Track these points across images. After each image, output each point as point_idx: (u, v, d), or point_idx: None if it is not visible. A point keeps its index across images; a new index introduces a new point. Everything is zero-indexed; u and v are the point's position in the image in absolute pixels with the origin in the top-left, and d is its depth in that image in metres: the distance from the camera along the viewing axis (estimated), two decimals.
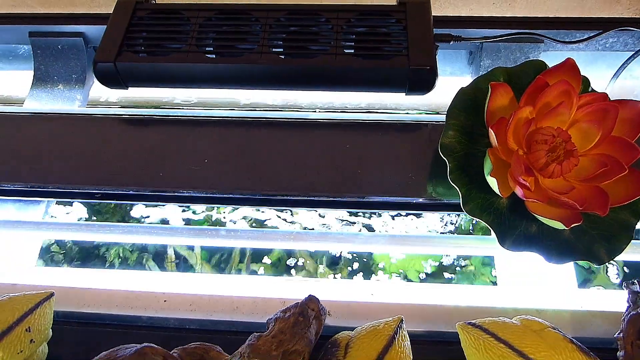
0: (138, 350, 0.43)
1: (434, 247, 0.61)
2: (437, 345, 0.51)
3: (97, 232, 0.64)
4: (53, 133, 0.65)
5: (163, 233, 0.62)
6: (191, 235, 0.62)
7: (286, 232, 0.61)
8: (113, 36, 0.63)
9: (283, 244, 0.60)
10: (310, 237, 0.62)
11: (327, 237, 0.62)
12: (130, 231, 0.63)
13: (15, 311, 0.48)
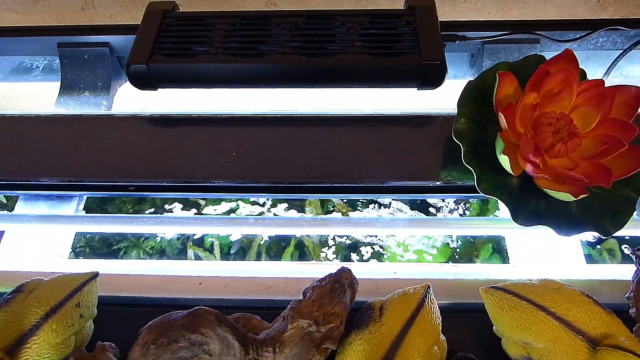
0: (192, 312, 0.46)
1: (449, 228, 0.65)
2: (461, 314, 0.55)
3: (126, 224, 0.67)
4: (86, 132, 0.68)
5: (197, 223, 0.65)
6: (223, 224, 0.65)
7: (311, 219, 0.64)
8: (144, 42, 0.68)
9: (309, 229, 0.64)
10: (334, 222, 0.65)
11: (350, 222, 0.65)
12: (162, 222, 0.66)
13: (65, 288, 0.51)
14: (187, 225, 0.66)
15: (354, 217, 0.73)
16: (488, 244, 0.86)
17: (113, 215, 0.71)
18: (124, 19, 0.96)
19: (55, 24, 0.89)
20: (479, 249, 0.86)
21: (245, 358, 0.45)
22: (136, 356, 0.45)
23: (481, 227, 0.65)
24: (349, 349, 0.47)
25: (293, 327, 0.47)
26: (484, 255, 0.86)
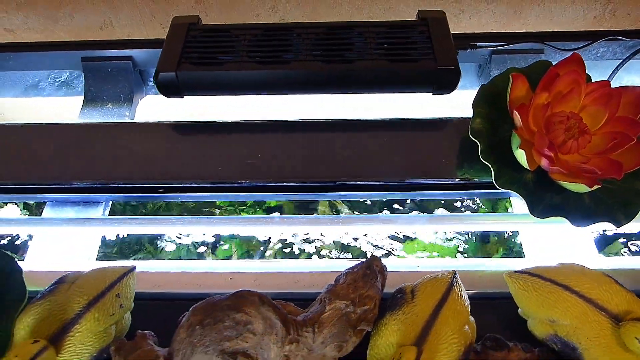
0: (235, 293, 0.48)
1: (467, 224, 0.67)
2: (484, 301, 0.57)
3: (152, 225, 0.69)
4: (116, 138, 0.71)
5: (224, 223, 0.67)
6: (250, 224, 0.67)
7: (334, 217, 0.67)
8: (171, 52, 0.71)
9: (332, 227, 0.66)
10: (357, 220, 0.68)
11: (373, 220, 0.68)
12: (188, 222, 0.68)
13: (105, 279, 0.53)
14: (214, 226, 0.68)
15: (377, 215, 0.75)
16: (500, 246, 0.89)
17: (139, 217, 0.73)
18: (142, 37, 1.00)
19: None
20: (491, 251, 0.88)
21: (286, 338, 0.47)
22: (181, 338, 0.46)
23: (497, 223, 0.68)
24: (384, 330, 0.49)
25: (331, 308, 0.49)
26: (498, 254, 0.89)
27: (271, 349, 0.47)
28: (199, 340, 0.45)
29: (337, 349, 0.48)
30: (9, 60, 0.85)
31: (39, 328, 0.49)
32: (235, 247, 0.88)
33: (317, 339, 0.48)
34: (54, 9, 0.99)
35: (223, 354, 0.45)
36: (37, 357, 0.46)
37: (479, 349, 0.51)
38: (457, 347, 0.47)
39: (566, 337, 0.48)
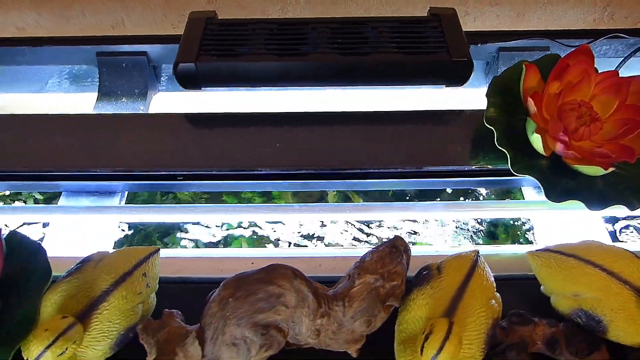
0: (268, 267, 0.48)
1: (480, 211, 0.69)
2: (505, 282, 0.57)
3: (170, 214, 0.70)
4: (134, 128, 0.72)
5: (243, 210, 0.68)
6: (269, 212, 0.68)
7: (353, 205, 0.68)
8: (190, 44, 0.73)
9: (351, 215, 0.67)
10: (374, 207, 0.69)
11: (391, 207, 0.69)
12: (206, 210, 0.69)
13: (132, 258, 0.53)
14: (232, 213, 0.68)
15: (394, 203, 0.76)
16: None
17: (156, 205, 0.73)
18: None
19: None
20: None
21: (317, 311, 0.48)
22: (213, 312, 0.47)
23: (509, 210, 0.69)
24: (412, 305, 0.50)
25: (360, 282, 0.49)
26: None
27: (303, 323, 0.47)
28: (231, 313, 0.46)
29: (366, 324, 0.49)
30: (25, 55, 0.86)
31: (66, 305, 0.49)
32: (254, 235, 0.88)
33: (347, 313, 0.48)
34: (66, 7, 1.00)
35: (256, 326, 0.45)
36: (66, 332, 0.46)
37: (504, 325, 0.51)
38: (485, 320, 0.48)
39: (591, 310, 0.49)
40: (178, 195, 0.93)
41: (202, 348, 0.46)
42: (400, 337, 0.50)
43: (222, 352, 0.45)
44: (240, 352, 0.45)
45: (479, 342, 0.47)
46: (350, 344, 0.50)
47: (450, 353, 0.43)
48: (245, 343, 0.45)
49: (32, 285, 0.52)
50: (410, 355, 0.48)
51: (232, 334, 0.45)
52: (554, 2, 0.98)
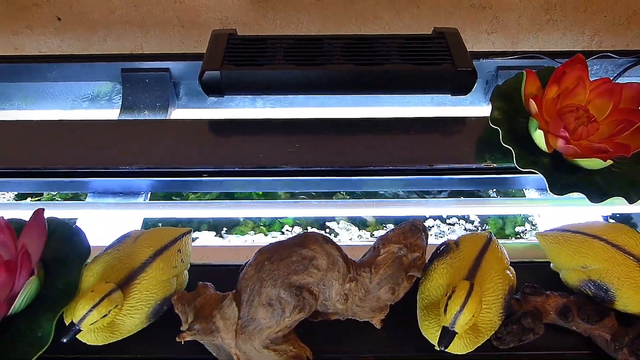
0: (300, 234, 0.51)
1: (486, 207, 0.73)
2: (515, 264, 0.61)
3: (194, 209, 0.73)
4: (157, 133, 0.76)
5: (265, 206, 0.72)
6: (291, 207, 0.72)
7: (370, 201, 0.72)
8: (214, 56, 0.78)
9: (367, 210, 0.71)
10: (390, 203, 0.73)
11: (407, 203, 0.73)
12: (227, 206, 0.72)
13: (168, 235, 0.56)
14: (253, 209, 0.72)
15: (404, 199, 0.80)
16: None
17: (181, 201, 0.77)
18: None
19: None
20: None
21: (346, 276, 0.51)
22: (249, 275, 0.50)
23: (513, 206, 0.74)
24: (433, 274, 0.53)
25: (385, 251, 0.53)
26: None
27: (333, 286, 0.50)
28: (267, 275, 0.49)
29: (390, 291, 0.52)
30: (52, 71, 0.91)
31: (107, 275, 0.52)
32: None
33: (373, 280, 0.52)
34: (89, 34, 1.07)
35: (290, 287, 0.48)
36: (110, 294, 0.49)
37: (519, 297, 0.55)
38: (502, 286, 0.51)
39: (599, 279, 0.53)
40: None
41: (239, 310, 0.48)
42: (423, 304, 0.53)
43: (258, 313, 0.48)
44: (275, 313, 0.48)
45: (497, 306, 0.51)
46: (375, 313, 0.53)
47: (472, 310, 0.47)
48: (280, 304, 0.48)
49: (72, 259, 0.55)
50: (433, 318, 0.51)
51: (268, 295, 0.48)
52: (546, 31, 1.07)
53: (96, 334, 0.50)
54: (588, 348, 0.54)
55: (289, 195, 0.87)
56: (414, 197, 0.89)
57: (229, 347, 0.49)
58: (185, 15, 1.04)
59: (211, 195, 0.94)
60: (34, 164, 0.71)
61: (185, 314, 0.51)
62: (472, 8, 1.03)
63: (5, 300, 0.50)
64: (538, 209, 0.74)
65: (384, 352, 0.54)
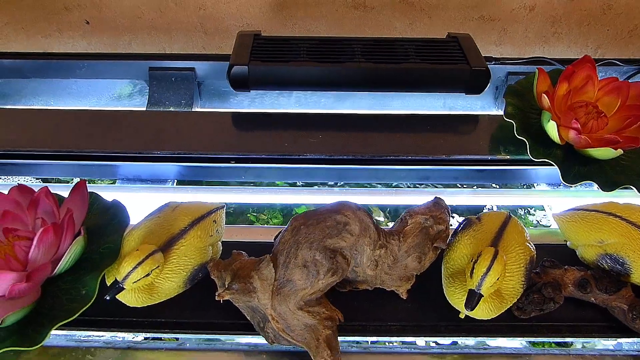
0: (334, 203, 0.54)
1: (500, 197, 0.76)
2: None
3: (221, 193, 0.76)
4: (186, 123, 0.80)
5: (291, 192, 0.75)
6: (315, 193, 0.75)
7: (388, 190, 0.75)
8: (241, 52, 0.83)
9: (385, 198, 0.74)
10: (405, 192, 0.76)
11: (422, 191, 0.76)
12: (253, 192, 0.75)
13: (204, 207, 0.59)
14: (279, 194, 0.75)
15: (422, 188, 0.83)
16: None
17: (207, 186, 0.80)
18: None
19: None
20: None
21: (377, 242, 0.53)
22: (286, 239, 0.52)
23: (525, 196, 0.77)
24: (457, 245, 0.56)
25: (412, 221, 0.55)
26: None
27: (364, 252, 0.53)
28: (304, 238, 0.51)
29: (417, 260, 0.54)
30: (82, 68, 0.95)
31: (148, 240, 0.55)
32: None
33: (401, 248, 0.54)
34: (115, 38, 1.11)
35: (325, 250, 0.51)
36: (153, 254, 0.51)
37: (538, 270, 0.57)
38: (523, 256, 0.54)
39: (615, 253, 0.56)
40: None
41: (275, 272, 0.51)
42: (448, 272, 0.55)
43: (294, 275, 0.51)
44: (310, 274, 0.51)
45: (518, 275, 0.53)
46: (402, 282, 0.55)
47: (498, 272, 0.49)
48: (315, 266, 0.51)
49: (113, 227, 0.57)
50: (458, 285, 0.53)
51: (303, 257, 0.51)
52: (552, 43, 1.12)
53: (136, 295, 0.53)
54: (605, 320, 0.56)
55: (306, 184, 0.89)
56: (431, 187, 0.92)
57: (265, 308, 0.51)
58: (208, 22, 1.08)
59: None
60: (69, 147, 0.74)
61: (221, 279, 0.53)
62: (481, 20, 1.08)
63: (50, 262, 0.53)
64: (548, 200, 0.77)
65: (408, 321, 0.56)
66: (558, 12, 1.06)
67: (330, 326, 0.51)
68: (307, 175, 0.79)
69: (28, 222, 0.57)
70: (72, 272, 0.54)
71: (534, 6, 1.05)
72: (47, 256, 0.52)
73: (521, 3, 1.05)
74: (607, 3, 1.04)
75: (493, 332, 0.56)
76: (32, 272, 0.50)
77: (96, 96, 1.00)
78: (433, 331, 0.56)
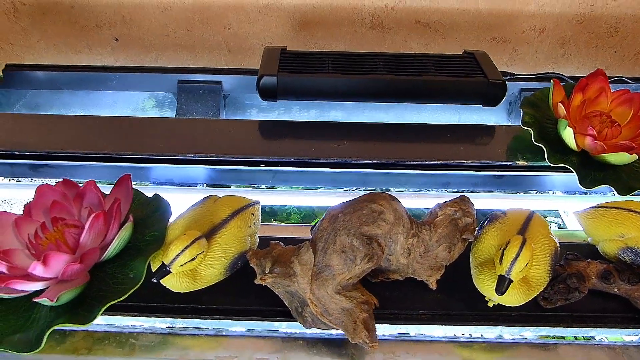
0: (370, 193, 0.57)
1: (515, 200, 0.79)
2: None
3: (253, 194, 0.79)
4: (216, 130, 0.83)
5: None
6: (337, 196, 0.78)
7: (408, 193, 0.78)
8: (269, 64, 0.87)
9: (408, 201, 0.77)
10: (427, 195, 0.79)
11: (441, 195, 0.79)
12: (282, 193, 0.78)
13: (244, 200, 0.63)
14: (308, 196, 0.78)
15: (442, 192, 0.86)
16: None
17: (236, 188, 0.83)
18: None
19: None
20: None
21: (410, 231, 0.56)
22: (324, 227, 0.55)
23: (542, 201, 0.80)
24: (484, 236, 0.59)
25: (442, 213, 0.58)
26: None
27: (398, 240, 0.56)
28: (341, 225, 0.54)
29: (447, 250, 0.57)
30: (113, 81, 0.99)
31: (191, 229, 0.57)
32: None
33: (432, 237, 0.57)
34: (142, 54, 1.16)
35: (362, 236, 0.54)
36: (198, 239, 0.54)
37: (562, 263, 0.60)
38: (549, 247, 0.57)
39: (637, 246, 0.58)
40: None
41: (314, 257, 0.54)
42: (477, 262, 0.58)
43: (332, 260, 0.53)
44: (347, 260, 0.53)
45: (545, 264, 0.56)
46: (432, 271, 0.58)
47: (527, 257, 0.52)
48: (352, 251, 0.53)
49: (157, 217, 0.60)
50: (487, 272, 0.56)
51: (341, 243, 0.53)
52: (561, 64, 1.17)
53: (180, 280, 0.55)
54: (628, 311, 0.59)
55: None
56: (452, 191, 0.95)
57: (304, 292, 0.53)
58: (232, 41, 1.14)
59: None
60: (107, 149, 0.77)
61: (261, 266, 0.56)
62: (493, 41, 1.14)
63: (99, 248, 0.55)
64: (564, 205, 0.80)
65: (438, 310, 0.59)
66: (567, 34, 1.11)
67: (367, 309, 0.53)
68: (332, 181, 0.82)
69: (74, 212, 0.60)
70: (118, 258, 0.56)
71: (543, 28, 1.10)
72: (96, 242, 0.55)
73: (531, 25, 1.10)
74: (614, 26, 1.09)
75: (520, 322, 0.58)
76: (82, 255, 0.53)
77: (125, 108, 1.04)
78: (462, 320, 0.58)
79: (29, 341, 0.49)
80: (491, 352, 0.58)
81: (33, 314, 0.53)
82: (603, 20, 1.08)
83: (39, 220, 0.59)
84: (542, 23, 1.09)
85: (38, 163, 0.78)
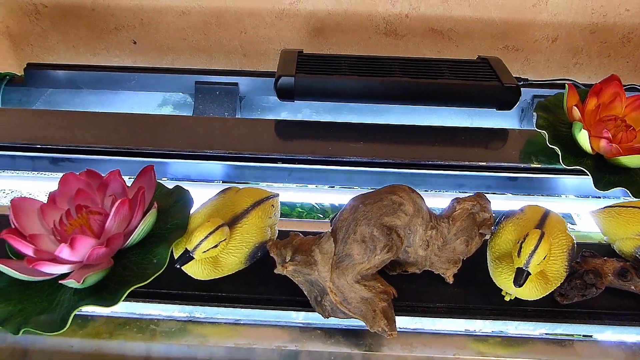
0: (390, 185, 0.58)
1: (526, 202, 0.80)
2: None
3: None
4: (235, 128, 0.85)
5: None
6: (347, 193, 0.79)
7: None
8: (287, 66, 0.89)
9: None
10: (440, 195, 0.80)
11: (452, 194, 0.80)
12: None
13: (265, 192, 0.63)
14: (326, 193, 0.79)
15: (455, 193, 0.87)
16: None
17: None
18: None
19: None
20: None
21: (429, 224, 0.57)
22: (344, 217, 0.56)
23: (555, 203, 0.80)
24: (502, 231, 0.59)
25: (460, 207, 0.59)
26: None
27: (417, 232, 0.56)
28: (362, 215, 0.55)
29: (465, 243, 0.58)
30: (132, 81, 1.01)
31: (214, 217, 0.58)
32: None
33: (450, 230, 0.58)
34: (159, 57, 1.19)
35: (382, 227, 0.55)
36: (221, 226, 0.55)
37: (579, 260, 0.60)
38: (566, 242, 0.57)
39: None
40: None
41: (335, 246, 0.54)
42: (494, 256, 0.58)
43: (352, 249, 0.54)
44: (367, 249, 0.54)
45: (562, 259, 0.56)
46: (450, 264, 0.58)
47: (545, 250, 0.52)
48: (372, 241, 0.54)
49: (179, 207, 0.61)
50: (505, 266, 0.56)
51: (362, 233, 0.54)
52: (573, 73, 1.18)
53: (202, 267, 0.56)
54: None
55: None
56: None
57: (324, 281, 0.54)
58: (248, 45, 1.16)
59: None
60: (127, 144, 0.79)
61: (281, 255, 0.56)
62: (505, 49, 1.15)
63: (123, 234, 0.56)
64: (576, 208, 0.81)
65: (455, 303, 0.59)
66: (579, 43, 1.12)
67: (386, 299, 0.54)
68: (347, 180, 0.83)
69: (98, 200, 0.61)
70: (141, 246, 0.57)
71: (556, 38, 1.12)
72: (120, 227, 0.56)
73: (544, 34, 1.11)
74: (626, 36, 1.10)
75: (536, 317, 0.59)
76: (108, 239, 0.54)
77: (142, 108, 1.06)
78: (478, 314, 0.59)
79: (55, 322, 0.50)
80: (507, 347, 0.58)
81: (57, 297, 0.54)
82: (616, 29, 1.09)
83: (63, 208, 0.60)
84: (554, 32, 1.11)
85: (59, 157, 0.80)
